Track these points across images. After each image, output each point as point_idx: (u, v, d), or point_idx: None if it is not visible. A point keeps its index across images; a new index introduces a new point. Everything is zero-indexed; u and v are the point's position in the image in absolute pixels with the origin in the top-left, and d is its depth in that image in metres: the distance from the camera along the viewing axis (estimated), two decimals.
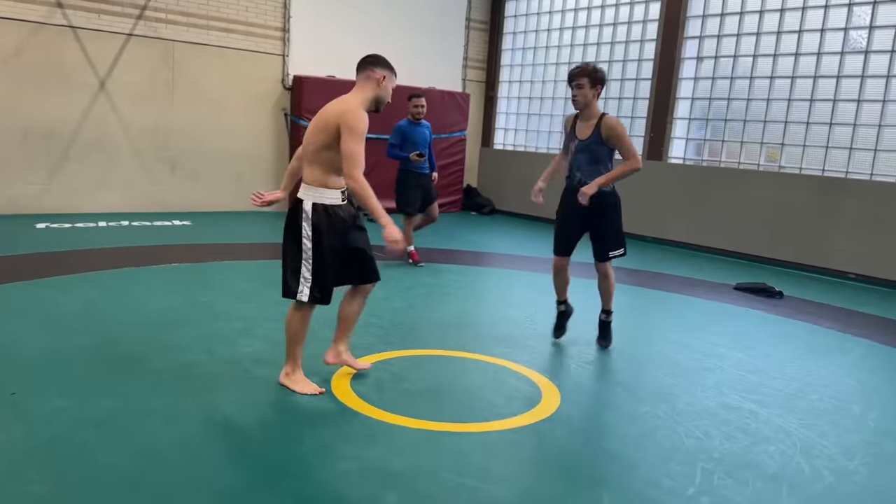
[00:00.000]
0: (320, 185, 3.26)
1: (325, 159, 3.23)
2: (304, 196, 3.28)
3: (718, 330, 5.20)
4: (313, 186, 3.27)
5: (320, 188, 3.26)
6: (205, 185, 9.30)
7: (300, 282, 3.30)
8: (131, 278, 5.51)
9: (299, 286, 3.31)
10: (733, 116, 8.81)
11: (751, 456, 3.05)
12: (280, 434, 2.98)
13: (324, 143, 3.21)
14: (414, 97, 6.95)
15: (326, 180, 3.26)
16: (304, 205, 3.26)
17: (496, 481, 2.68)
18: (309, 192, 3.27)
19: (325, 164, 3.24)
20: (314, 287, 3.30)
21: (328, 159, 3.23)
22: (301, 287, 3.30)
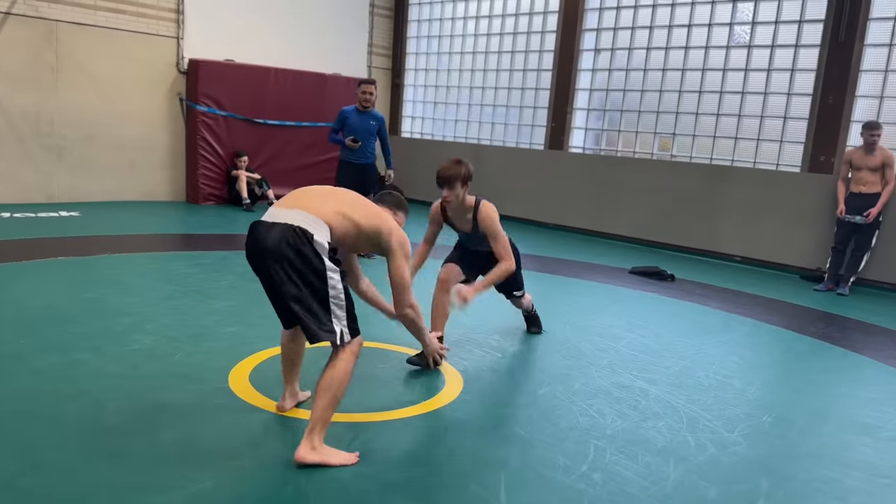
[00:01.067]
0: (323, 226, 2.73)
1: (356, 236, 2.87)
2: (313, 229, 2.67)
3: (614, 312, 5.41)
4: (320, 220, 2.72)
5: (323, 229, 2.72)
6: (95, 174, 8.81)
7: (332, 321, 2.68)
8: (12, 274, 5.16)
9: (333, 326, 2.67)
10: (629, 107, 9.14)
11: (641, 431, 3.19)
12: (170, 434, 2.87)
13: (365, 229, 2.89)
14: (363, 83, 6.69)
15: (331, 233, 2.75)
16: (316, 238, 2.65)
17: (396, 467, 2.69)
18: (316, 227, 2.69)
19: (352, 235, 2.85)
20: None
21: (358, 239, 2.90)
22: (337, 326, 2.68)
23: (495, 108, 10.70)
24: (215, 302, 4.81)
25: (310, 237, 2.63)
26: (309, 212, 2.70)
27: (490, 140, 10.77)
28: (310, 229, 2.65)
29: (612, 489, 2.66)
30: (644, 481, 2.73)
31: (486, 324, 4.80)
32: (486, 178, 10.51)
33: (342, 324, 2.69)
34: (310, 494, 2.47)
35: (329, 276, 2.64)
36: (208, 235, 7.39)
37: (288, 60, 10.08)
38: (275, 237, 2.62)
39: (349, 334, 2.71)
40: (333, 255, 2.71)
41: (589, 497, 2.59)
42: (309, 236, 2.63)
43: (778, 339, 5.06)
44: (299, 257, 2.61)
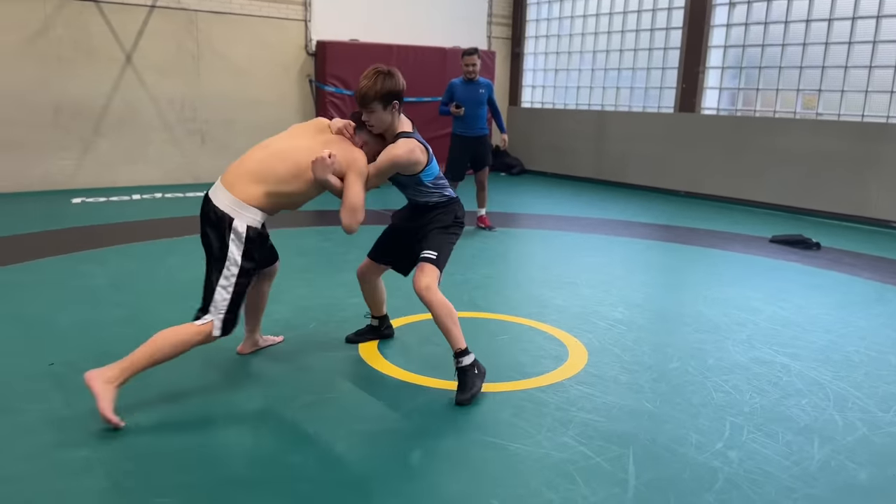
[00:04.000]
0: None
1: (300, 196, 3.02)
2: (236, 214, 2.84)
3: (753, 284, 5.11)
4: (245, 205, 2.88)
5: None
6: (235, 156, 9.32)
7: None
8: (165, 249, 5.61)
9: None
10: (768, 63, 8.51)
11: (782, 409, 3.01)
12: (307, 398, 3.03)
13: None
14: (465, 55, 6.65)
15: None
16: (235, 223, 2.83)
17: (520, 438, 2.70)
18: (240, 212, 2.85)
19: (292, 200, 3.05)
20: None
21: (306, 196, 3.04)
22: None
23: (620, 71, 10.31)
24: (343, 274, 4.99)
25: (232, 226, 2.80)
26: (236, 195, 2.83)
27: (615, 105, 10.41)
28: (232, 214, 2.80)
29: (750, 468, 2.53)
30: (785, 461, 2.58)
31: (609, 296, 4.68)
32: (611, 144, 10.21)
33: (218, 314, 2.78)
34: (439, 459, 2.53)
35: (227, 266, 2.79)
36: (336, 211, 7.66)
37: (409, 36, 10.19)
38: (206, 211, 2.87)
39: (218, 329, 2.79)
40: (257, 234, 2.85)
41: (724, 475, 2.48)
42: (229, 222, 2.80)
43: None
44: (218, 238, 2.81)
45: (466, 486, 2.39)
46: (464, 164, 6.74)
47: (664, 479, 2.45)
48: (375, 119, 2.97)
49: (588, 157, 10.60)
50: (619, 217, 7.74)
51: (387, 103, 2.95)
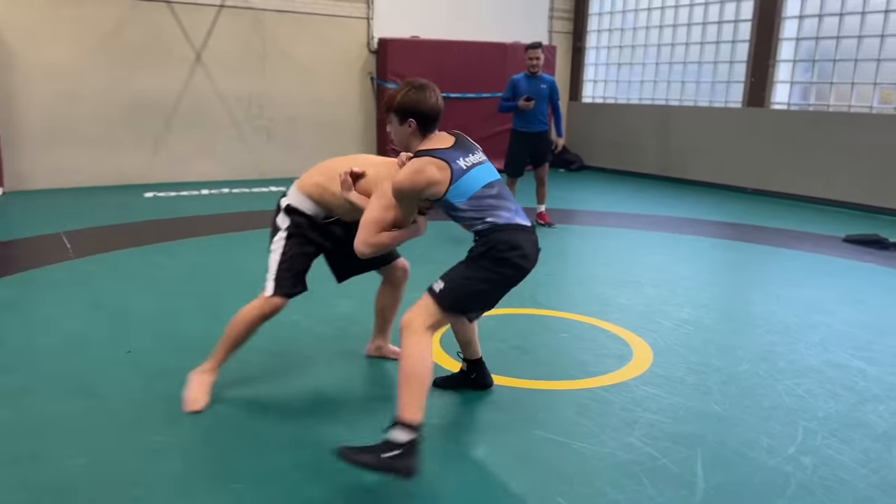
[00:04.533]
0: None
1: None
2: (288, 198, 3.05)
3: (826, 284, 4.93)
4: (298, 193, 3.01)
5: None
6: (299, 152, 9.55)
7: None
8: (233, 243, 5.77)
9: None
10: (843, 56, 8.19)
11: (858, 415, 2.90)
12: (374, 391, 3.08)
13: None
14: (529, 48, 6.59)
15: None
16: (281, 203, 3.07)
17: (584, 437, 2.68)
18: (293, 197, 3.03)
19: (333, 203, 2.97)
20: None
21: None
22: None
23: (686, 65, 10.08)
24: None
25: (280, 206, 2.98)
26: (296, 185, 3.00)
27: (680, 100, 10.18)
28: (285, 199, 2.99)
29: (825, 474, 2.45)
30: (862, 468, 2.49)
31: (674, 295, 4.59)
32: (675, 140, 10.00)
33: (271, 278, 2.92)
34: (503, 455, 2.54)
35: (275, 236, 2.97)
36: None
37: (469, 32, 10.20)
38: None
39: (271, 290, 2.91)
40: (298, 217, 2.95)
41: (797, 480, 2.41)
42: (280, 205, 2.99)
43: None
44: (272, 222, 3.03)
45: (531, 483, 2.39)
46: (523, 161, 6.70)
47: (734, 482, 2.40)
48: (393, 131, 2.71)
49: (651, 153, 10.41)
50: (684, 214, 7.58)
51: (402, 118, 2.62)
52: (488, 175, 2.61)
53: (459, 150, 2.59)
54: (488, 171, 2.64)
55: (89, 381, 3.09)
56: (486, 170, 2.63)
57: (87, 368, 3.22)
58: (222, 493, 2.28)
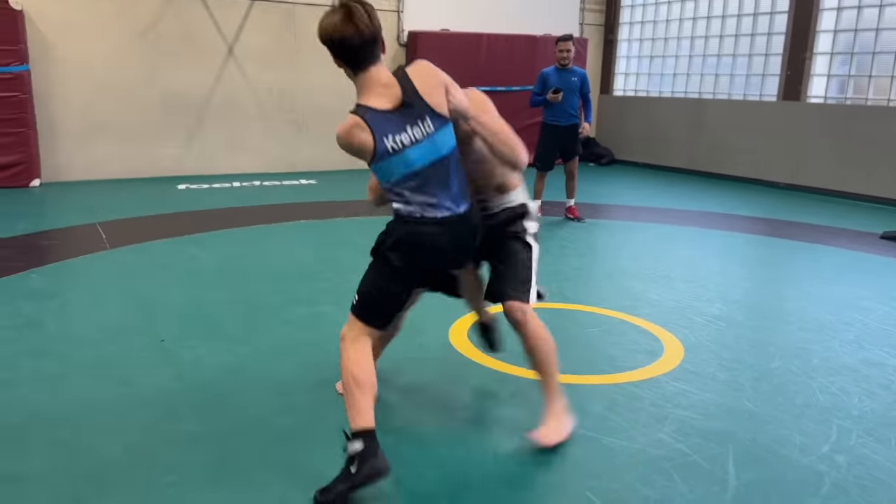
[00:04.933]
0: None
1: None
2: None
3: (861, 282, 4.83)
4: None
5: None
6: (329, 146, 9.55)
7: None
8: (264, 235, 5.83)
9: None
10: (883, 48, 7.98)
11: (894, 414, 2.84)
12: (400, 381, 3.09)
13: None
14: (560, 41, 6.55)
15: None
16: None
17: (614, 432, 2.66)
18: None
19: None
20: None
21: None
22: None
23: (720, 57, 9.92)
24: None
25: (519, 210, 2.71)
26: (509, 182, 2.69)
27: (713, 93, 10.03)
28: (514, 202, 2.71)
29: (860, 473, 2.40)
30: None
31: (706, 290, 4.53)
32: (708, 133, 9.85)
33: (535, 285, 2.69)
34: (531, 449, 2.53)
35: (531, 242, 2.70)
36: None
37: (500, 25, 10.14)
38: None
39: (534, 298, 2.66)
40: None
41: (831, 479, 2.37)
42: (518, 210, 2.71)
43: None
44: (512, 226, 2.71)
45: (560, 477, 2.38)
46: (553, 154, 6.65)
47: (766, 479, 2.37)
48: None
49: (683, 146, 10.26)
50: (716, 209, 7.47)
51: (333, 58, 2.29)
52: (421, 158, 2.23)
53: (398, 119, 2.20)
54: (427, 151, 2.23)
55: (123, 369, 3.16)
56: (422, 150, 2.22)
57: (121, 356, 3.29)
58: (252, 484, 2.31)
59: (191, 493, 2.25)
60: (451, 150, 2.30)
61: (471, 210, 2.40)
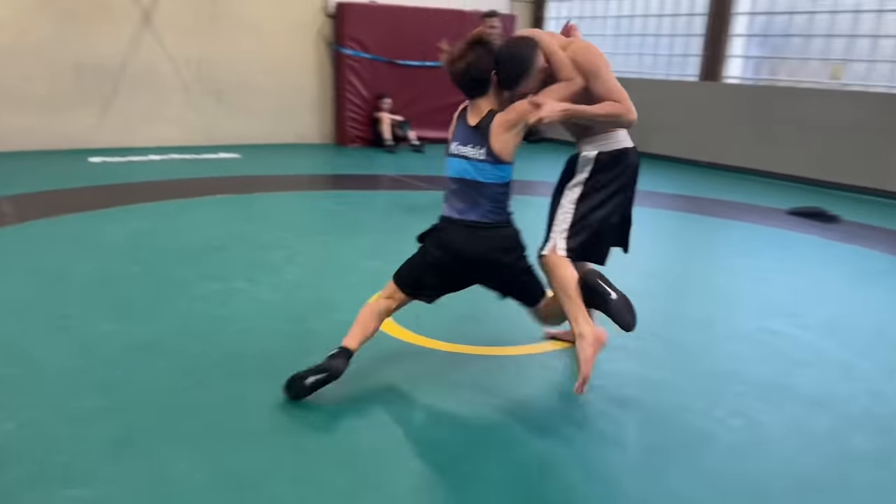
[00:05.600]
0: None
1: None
2: None
3: (768, 255, 5.06)
4: None
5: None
6: (251, 118, 9.36)
7: None
8: (179, 209, 5.66)
9: None
10: (795, 31, 8.31)
11: (787, 379, 3.00)
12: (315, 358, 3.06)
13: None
14: (485, 17, 6.46)
15: None
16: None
17: (519, 400, 2.72)
18: None
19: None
20: None
21: None
22: None
23: (643, 37, 10.12)
24: (357, 237, 5.02)
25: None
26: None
27: (638, 73, 10.24)
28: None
29: (752, 436, 2.54)
30: (787, 430, 2.59)
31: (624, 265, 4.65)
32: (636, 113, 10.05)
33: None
34: (443, 415, 2.57)
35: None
36: (354, 176, 7.68)
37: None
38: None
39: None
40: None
41: (726, 441, 2.49)
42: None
43: None
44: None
45: (466, 445, 2.42)
46: None
47: (665, 443, 2.47)
48: None
49: None
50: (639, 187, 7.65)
51: None
52: (450, 170, 2.73)
53: (458, 133, 2.73)
54: (453, 166, 2.71)
55: (25, 346, 3.03)
56: (453, 163, 2.72)
57: (24, 334, 3.15)
58: (155, 458, 2.26)
59: (86, 466, 2.18)
60: (482, 180, 2.66)
61: (485, 225, 2.69)
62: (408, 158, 8.94)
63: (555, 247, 2.74)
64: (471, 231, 2.67)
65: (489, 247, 2.68)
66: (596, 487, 2.24)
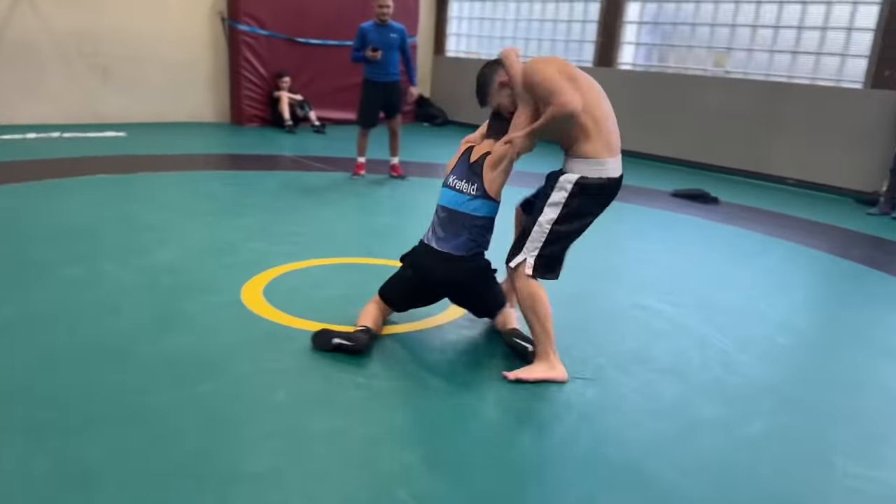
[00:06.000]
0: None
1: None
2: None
3: (651, 235, 5.27)
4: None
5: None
6: (141, 95, 8.95)
7: None
8: (52, 190, 5.35)
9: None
10: (682, 20, 8.64)
11: (647, 351, 3.14)
12: (180, 340, 2.97)
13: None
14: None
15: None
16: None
17: (388, 378, 2.73)
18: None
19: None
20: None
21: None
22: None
23: (543, 22, 10.28)
24: (243, 219, 4.89)
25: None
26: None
27: None
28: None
29: (605, 405, 2.64)
30: (640, 399, 2.71)
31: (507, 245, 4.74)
32: None
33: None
34: (301, 399, 2.54)
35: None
36: (246, 156, 7.48)
37: None
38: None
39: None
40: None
41: (578, 411, 2.58)
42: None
43: (815, 263, 4.86)
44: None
45: (333, 422, 2.41)
46: (376, 111, 6.61)
47: (524, 413, 2.54)
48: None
49: None
50: (536, 170, 7.79)
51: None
52: (442, 199, 3.07)
53: (458, 168, 3.08)
54: (447, 196, 3.05)
55: None
56: (446, 194, 3.05)
57: None
58: None
59: None
60: (469, 213, 2.98)
61: (459, 258, 2.99)
62: (308, 139, 8.78)
63: (524, 263, 2.83)
64: (444, 259, 2.98)
65: (460, 275, 3.01)
66: (451, 456, 2.27)
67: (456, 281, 3.05)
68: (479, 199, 2.97)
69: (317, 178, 6.52)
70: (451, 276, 3.01)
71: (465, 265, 3.00)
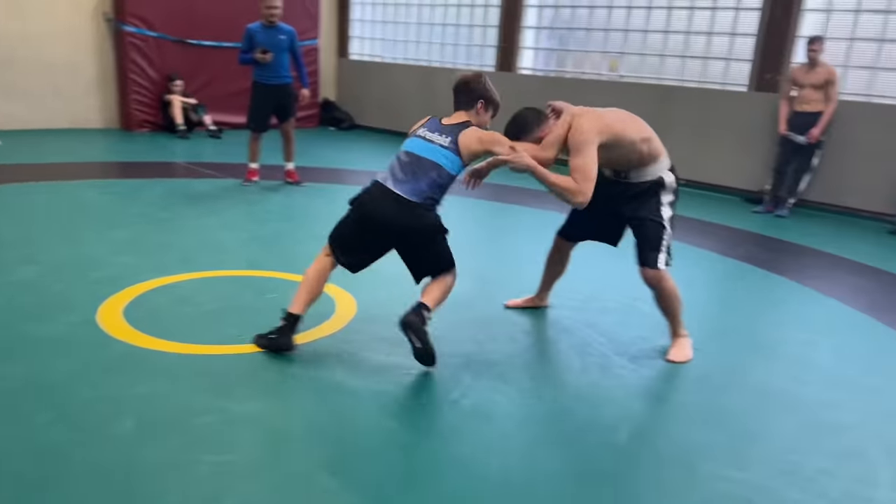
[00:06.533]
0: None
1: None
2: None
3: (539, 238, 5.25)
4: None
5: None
6: (18, 100, 8.37)
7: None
8: None
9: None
10: (578, 25, 8.79)
11: (526, 356, 3.11)
12: (26, 364, 2.71)
13: None
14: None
15: None
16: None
17: (247, 399, 2.57)
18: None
19: None
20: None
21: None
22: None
23: (445, 27, 10.27)
24: (116, 231, 4.60)
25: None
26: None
27: (441, 61, 10.38)
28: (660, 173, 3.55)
29: (478, 413, 2.57)
30: (514, 407, 2.65)
31: None
32: (439, 101, 10.18)
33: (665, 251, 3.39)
34: (146, 425, 2.35)
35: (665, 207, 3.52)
36: (132, 163, 7.10)
37: None
38: None
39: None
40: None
41: (448, 422, 2.50)
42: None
43: (699, 262, 4.97)
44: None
45: (177, 447, 2.23)
46: (267, 115, 6.38)
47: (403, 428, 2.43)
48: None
49: (416, 113, 10.35)
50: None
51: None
52: (407, 146, 2.99)
53: (429, 124, 3.07)
54: (414, 143, 2.99)
55: None
56: (414, 141, 3.00)
57: None
58: None
59: None
60: (435, 160, 2.92)
61: (413, 204, 2.87)
62: (202, 144, 8.44)
63: (664, 262, 3.17)
64: (396, 201, 2.84)
65: (411, 220, 2.86)
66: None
67: (405, 225, 2.87)
68: (449, 151, 2.91)
69: (206, 185, 6.24)
70: (401, 219, 2.85)
71: (417, 211, 2.85)
